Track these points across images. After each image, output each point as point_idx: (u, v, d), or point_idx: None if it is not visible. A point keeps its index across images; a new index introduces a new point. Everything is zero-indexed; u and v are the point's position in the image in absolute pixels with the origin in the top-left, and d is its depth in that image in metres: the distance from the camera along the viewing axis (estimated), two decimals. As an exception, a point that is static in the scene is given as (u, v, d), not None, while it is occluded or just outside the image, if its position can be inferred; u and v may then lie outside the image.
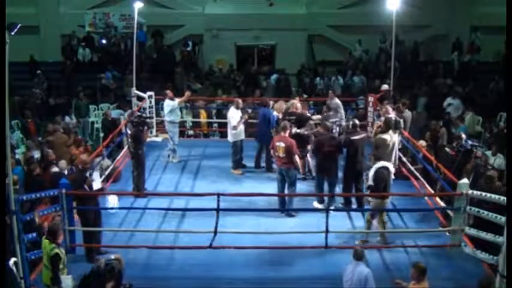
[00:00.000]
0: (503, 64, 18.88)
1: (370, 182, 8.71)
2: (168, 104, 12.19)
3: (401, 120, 11.09)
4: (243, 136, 11.80)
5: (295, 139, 10.06)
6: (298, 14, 21.41)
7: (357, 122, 10.21)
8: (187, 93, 12.89)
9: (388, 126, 9.89)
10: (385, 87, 13.94)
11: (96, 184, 8.71)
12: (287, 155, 9.58)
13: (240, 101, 11.91)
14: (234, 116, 11.55)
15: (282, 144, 9.63)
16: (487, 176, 9.12)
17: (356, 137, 9.75)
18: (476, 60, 20.73)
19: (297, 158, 9.66)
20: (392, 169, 8.91)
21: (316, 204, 10.02)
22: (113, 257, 6.43)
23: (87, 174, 8.42)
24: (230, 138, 11.74)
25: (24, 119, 14.93)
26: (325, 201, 9.97)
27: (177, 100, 12.25)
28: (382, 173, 8.61)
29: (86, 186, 8.26)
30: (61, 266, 6.80)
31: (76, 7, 21.58)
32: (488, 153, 11.69)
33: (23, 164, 10.93)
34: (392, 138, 9.85)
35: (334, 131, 10.94)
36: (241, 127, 11.72)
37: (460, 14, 21.33)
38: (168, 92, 12.56)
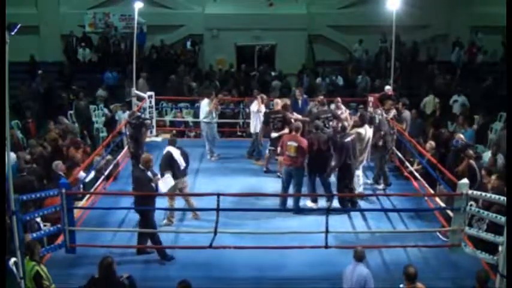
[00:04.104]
0: (501, 64, 18.94)
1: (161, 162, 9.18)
2: (205, 105, 12.45)
3: (379, 117, 11.05)
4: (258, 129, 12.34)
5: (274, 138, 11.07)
6: (298, 14, 21.39)
7: (345, 124, 10.23)
8: (216, 99, 12.73)
9: (363, 120, 10.19)
10: (387, 88, 13.95)
11: (166, 183, 8.69)
12: (299, 154, 9.61)
13: (263, 96, 12.54)
14: (253, 108, 12.24)
15: (294, 144, 9.65)
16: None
17: (347, 139, 9.73)
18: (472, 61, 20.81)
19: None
20: (176, 153, 9.22)
21: (309, 204, 10.02)
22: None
23: (150, 173, 8.36)
24: (252, 129, 12.46)
25: (24, 119, 14.91)
26: (318, 200, 9.99)
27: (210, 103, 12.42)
28: (168, 154, 9.18)
29: (153, 185, 8.29)
30: (47, 283, 6.60)
31: (76, 7, 21.57)
32: (488, 153, 11.67)
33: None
34: (367, 132, 10.13)
35: (327, 127, 10.95)
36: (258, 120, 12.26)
37: (460, 14, 21.32)
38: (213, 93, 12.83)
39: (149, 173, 8.35)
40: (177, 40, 21.82)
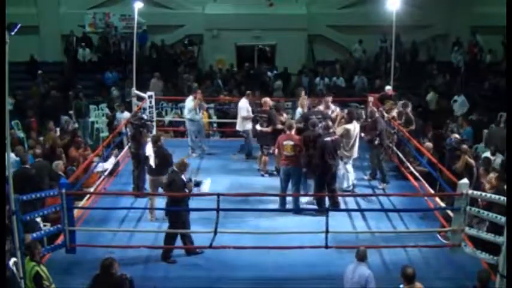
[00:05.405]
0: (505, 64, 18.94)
1: None
2: (188, 102, 12.61)
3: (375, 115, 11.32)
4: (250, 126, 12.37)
5: (260, 136, 11.43)
6: (298, 14, 21.40)
7: (330, 123, 10.26)
8: (201, 95, 13.01)
9: (351, 117, 10.47)
10: (388, 88, 13.93)
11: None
12: (296, 152, 9.63)
13: (250, 93, 12.84)
14: (243, 106, 12.36)
15: (290, 143, 9.68)
16: None
17: (327, 139, 9.63)
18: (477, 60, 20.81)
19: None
20: (150, 151, 9.52)
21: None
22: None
23: (185, 178, 8.37)
24: (239, 127, 12.52)
25: (27, 118, 14.91)
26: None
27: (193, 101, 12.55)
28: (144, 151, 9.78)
29: (186, 190, 8.29)
30: (47, 283, 6.60)
31: (76, 7, 21.59)
32: (488, 153, 11.67)
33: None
34: (356, 128, 10.38)
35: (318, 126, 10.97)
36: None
37: (460, 14, 21.34)
38: (198, 91, 13.05)
39: (183, 177, 8.37)
40: (177, 40, 21.82)
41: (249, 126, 12.32)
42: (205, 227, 8.35)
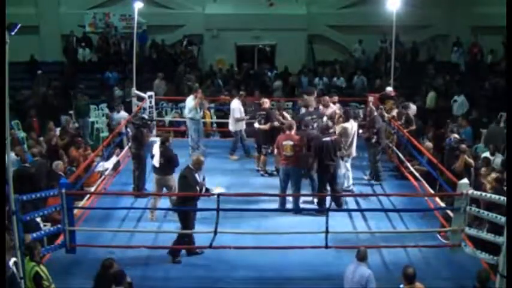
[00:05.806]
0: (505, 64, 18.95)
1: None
2: (189, 101, 12.61)
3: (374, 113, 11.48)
4: (242, 127, 12.53)
5: (259, 135, 11.54)
6: (298, 14, 21.41)
7: (329, 123, 10.26)
8: (202, 94, 13.01)
9: (347, 116, 10.57)
10: (389, 89, 13.93)
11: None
12: (296, 152, 9.63)
13: (243, 94, 12.97)
14: (236, 107, 12.38)
15: (290, 143, 9.69)
16: None
17: (325, 139, 9.66)
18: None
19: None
20: (156, 150, 9.48)
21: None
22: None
23: (199, 176, 8.29)
24: (232, 127, 12.55)
25: (28, 118, 14.91)
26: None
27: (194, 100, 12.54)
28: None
29: (197, 188, 8.21)
30: (46, 284, 6.61)
31: (76, 7, 21.58)
32: (487, 153, 11.67)
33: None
34: (353, 127, 10.45)
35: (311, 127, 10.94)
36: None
37: (460, 14, 21.32)
38: (199, 90, 13.00)
39: (197, 175, 8.29)
40: (177, 40, 21.81)
41: (240, 127, 12.42)
42: (205, 227, 8.35)
